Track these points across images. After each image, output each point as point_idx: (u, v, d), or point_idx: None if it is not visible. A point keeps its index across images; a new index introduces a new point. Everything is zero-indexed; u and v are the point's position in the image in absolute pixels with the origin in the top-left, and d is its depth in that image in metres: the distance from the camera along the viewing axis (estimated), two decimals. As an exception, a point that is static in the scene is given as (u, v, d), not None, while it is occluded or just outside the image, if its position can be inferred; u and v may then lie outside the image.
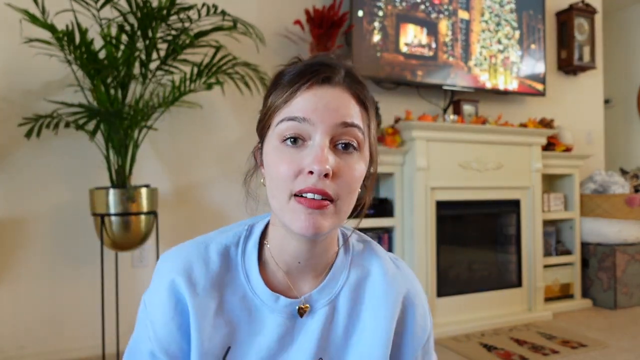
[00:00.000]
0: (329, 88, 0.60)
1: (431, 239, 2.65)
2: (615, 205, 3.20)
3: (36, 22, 1.91)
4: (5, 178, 2.19)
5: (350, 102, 0.61)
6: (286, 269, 0.66)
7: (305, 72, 0.60)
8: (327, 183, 0.57)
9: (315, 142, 0.58)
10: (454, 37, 3.02)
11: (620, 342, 2.47)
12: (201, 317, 0.62)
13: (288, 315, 0.65)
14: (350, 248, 0.72)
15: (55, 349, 2.23)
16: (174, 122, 2.47)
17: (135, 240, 2.06)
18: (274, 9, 2.74)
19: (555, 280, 3.20)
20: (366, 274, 0.70)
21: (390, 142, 2.63)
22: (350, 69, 0.63)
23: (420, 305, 0.72)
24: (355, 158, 0.61)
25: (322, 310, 0.66)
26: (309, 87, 0.59)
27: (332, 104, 0.59)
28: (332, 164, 0.57)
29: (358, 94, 0.62)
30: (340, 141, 0.59)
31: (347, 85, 0.61)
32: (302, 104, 0.59)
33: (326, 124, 0.58)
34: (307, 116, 0.58)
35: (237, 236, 0.69)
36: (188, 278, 0.63)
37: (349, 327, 0.67)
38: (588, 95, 3.78)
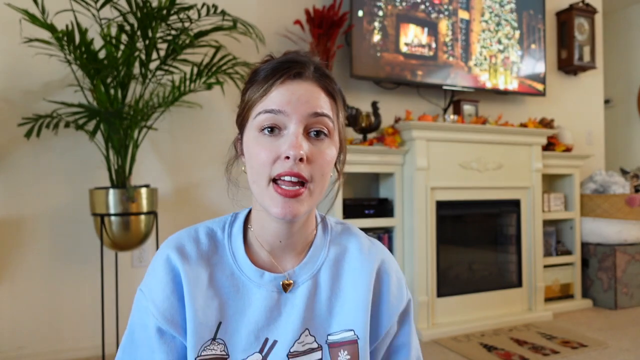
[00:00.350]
0: (300, 82, 0.67)
1: (431, 239, 2.65)
2: (615, 205, 3.19)
3: (36, 22, 1.91)
4: (5, 178, 2.19)
5: (320, 94, 0.68)
6: (269, 249, 0.73)
7: (279, 68, 0.67)
8: (302, 167, 0.64)
9: (290, 130, 0.65)
10: (454, 37, 3.02)
11: (621, 342, 2.47)
12: (194, 285, 0.68)
13: (274, 290, 0.71)
14: (329, 229, 0.79)
15: (55, 349, 2.23)
16: (174, 122, 2.47)
17: (135, 240, 2.06)
18: (274, 9, 2.74)
19: (555, 280, 3.20)
20: (344, 250, 0.77)
21: (390, 142, 2.63)
22: (318, 64, 0.70)
23: (394, 275, 0.79)
24: (327, 143, 0.68)
25: (305, 284, 0.72)
26: (282, 82, 0.66)
27: (304, 97, 0.66)
28: (305, 150, 0.64)
29: (327, 86, 0.69)
30: (313, 129, 0.66)
31: (316, 79, 0.68)
32: (277, 97, 0.65)
33: (299, 114, 0.65)
34: (282, 108, 0.65)
35: (222, 221, 0.76)
36: (181, 252, 0.70)
37: (332, 299, 0.73)
38: (588, 95, 3.78)
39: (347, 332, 0.72)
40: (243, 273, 0.71)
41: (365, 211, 2.63)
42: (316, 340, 0.71)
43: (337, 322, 0.72)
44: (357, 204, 2.63)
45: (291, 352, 0.69)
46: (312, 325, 0.71)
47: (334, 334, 0.72)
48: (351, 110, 2.68)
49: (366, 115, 2.69)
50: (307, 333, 0.70)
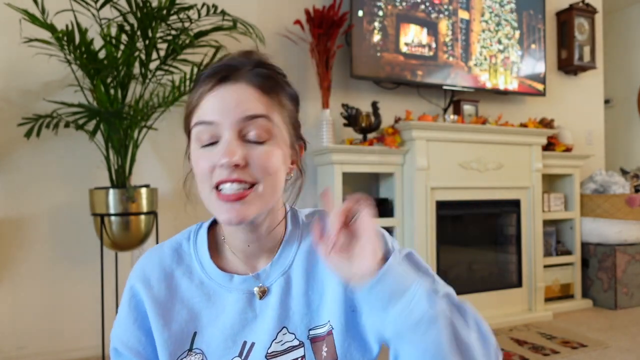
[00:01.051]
0: (229, 85, 0.64)
1: (431, 239, 2.65)
2: (615, 205, 3.19)
3: (36, 22, 1.91)
4: (5, 178, 2.19)
5: (253, 95, 0.64)
6: (242, 255, 0.71)
7: (209, 75, 0.65)
8: (240, 172, 0.62)
9: (224, 138, 0.63)
10: (454, 37, 3.01)
11: (621, 343, 2.47)
12: (157, 306, 0.67)
13: (245, 293, 0.69)
14: (300, 221, 0.76)
15: (55, 349, 2.23)
16: (174, 122, 2.47)
17: (135, 240, 2.06)
18: (274, 9, 2.74)
19: (555, 280, 3.20)
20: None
21: (390, 142, 2.63)
22: (260, 63, 0.67)
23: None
24: (268, 145, 0.64)
25: (278, 282, 0.70)
26: (211, 89, 0.64)
27: (234, 101, 0.63)
28: (240, 155, 0.62)
29: (262, 84, 0.65)
30: (250, 133, 0.63)
31: (248, 79, 0.65)
32: (207, 106, 0.64)
33: (230, 120, 0.62)
34: (213, 119, 0.63)
35: (188, 232, 0.75)
36: (142, 276, 0.70)
37: (308, 292, 0.71)
38: (588, 95, 3.78)
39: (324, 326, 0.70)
40: (212, 280, 0.70)
41: (365, 211, 2.63)
42: (297, 337, 0.69)
43: (319, 315, 0.70)
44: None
45: (269, 353, 0.67)
46: (290, 323, 0.69)
47: (316, 327, 0.70)
48: (351, 110, 2.68)
49: (366, 115, 2.69)
50: (286, 331, 0.69)
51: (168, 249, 0.73)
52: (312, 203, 2.76)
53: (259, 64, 0.67)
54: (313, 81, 2.74)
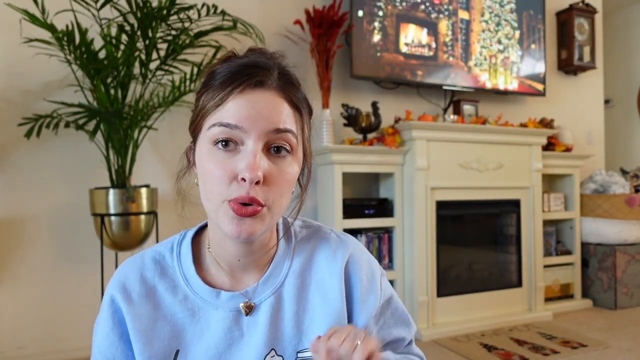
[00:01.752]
0: (261, 92, 0.60)
1: (431, 239, 2.65)
2: (615, 205, 3.19)
3: (36, 22, 1.91)
4: (5, 178, 2.19)
5: (283, 107, 0.61)
6: (228, 268, 0.67)
7: (238, 74, 0.60)
8: (257, 190, 0.58)
9: (248, 147, 0.58)
10: (454, 37, 3.02)
11: (621, 342, 2.47)
12: (139, 322, 0.64)
13: (232, 310, 0.65)
14: (293, 236, 0.72)
15: (55, 349, 2.23)
16: (174, 122, 2.47)
17: (135, 240, 2.06)
18: (274, 9, 2.74)
19: (555, 280, 3.20)
20: (309, 257, 0.71)
21: (390, 142, 2.63)
22: (284, 69, 0.64)
23: (365, 268, 0.71)
24: (288, 161, 0.61)
25: (267, 301, 0.66)
26: (241, 91, 0.59)
27: (265, 111, 0.59)
28: (264, 169, 0.58)
29: (291, 97, 0.62)
30: (274, 144, 0.60)
31: (279, 88, 0.61)
32: (234, 109, 0.58)
33: (259, 131, 0.58)
34: (239, 123, 0.58)
35: (170, 242, 0.71)
36: (123, 289, 0.65)
37: (299, 314, 0.67)
38: (588, 95, 3.78)
39: None
40: (197, 295, 0.66)
41: (365, 211, 2.63)
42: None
43: (308, 338, 0.66)
44: (357, 204, 2.63)
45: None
46: (278, 345, 0.65)
47: (305, 351, 0.66)
48: (351, 110, 2.68)
49: (366, 115, 2.69)
50: (274, 354, 0.65)
51: (150, 261, 0.68)
52: (312, 204, 2.76)
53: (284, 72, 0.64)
54: (313, 81, 2.74)
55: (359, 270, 0.71)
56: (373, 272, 0.73)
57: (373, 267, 0.73)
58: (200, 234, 0.72)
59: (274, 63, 0.63)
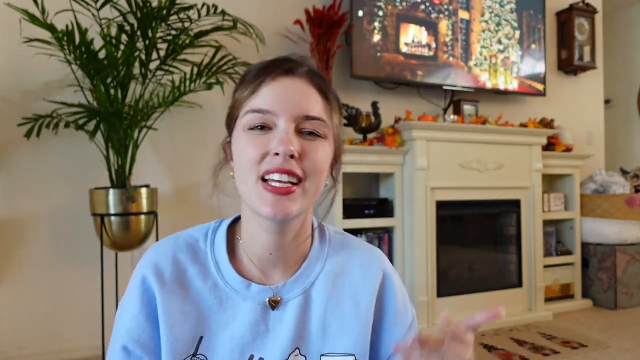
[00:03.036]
0: (292, 78, 0.63)
1: (431, 239, 2.65)
2: (615, 205, 3.19)
3: (36, 22, 1.91)
4: (5, 178, 2.19)
5: (313, 94, 0.63)
6: (258, 261, 0.67)
7: (269, 65, 0.64)
8: (293, 163, 0.59)
9: (280, 127, 0.60)
10: (454, 37, 3.01)
11: (621, 342, 2.47)
12: (168, 304, 0.63)
13: (260, 304, 0.65)
14: (327, 239, 0.72)
15: (55, 349, 2.23)
16: (174, 122, 2.47)
17: (135, 240, 2.06)
18: (274, 9, 2.74)
19: (555, 280, 3.20)
20: (343, 263, 0.71)
21: (390, 142, 2.63)
22: (312, 65, 0.66)
23: (398, 290, 0.72)
24: (320, 142, 0.63)
25: (296, 300, 0.66)
26: (273, 77, 0.62)
27: (296, 96, 0.61)
28: (296, 146, 0.59)
29: (320, 85, 0.65)
30: (305, 128, 0.62)
31: (309, 77, 0.64)
32: (266, 94, 0.61)
33: (289, 114, 0.60)
34: (270, 108, 0.60)
35: (205, 228, 0.71)
36: (156, 269, 0.65)
37: (326, 317, 0.67)
38: (588, 95, 3.78)
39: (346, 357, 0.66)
40: (227, 284, 0.65)
41: (365, 211, 2.63)
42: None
43: (332, 342, 0.66)
44: (357, 204, 2.63)
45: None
46: (303, 345, 0.65)
47: (328, 355, 0.66)
48: (351, 110, 2.68)
49: (366, 115, 2.69)
50: (297, 353, 0.64)
51: (183, 243, 0.68)
52: (312, 203, 2.76)
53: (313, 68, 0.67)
54: (313, 81, 2.74)
55: (394, 285, 0.72)
56: (404, 293, 0.74)
57: (403, 288, 0.75)
58: (235, 225, 0.72)
59: (302, 60, 0.66)
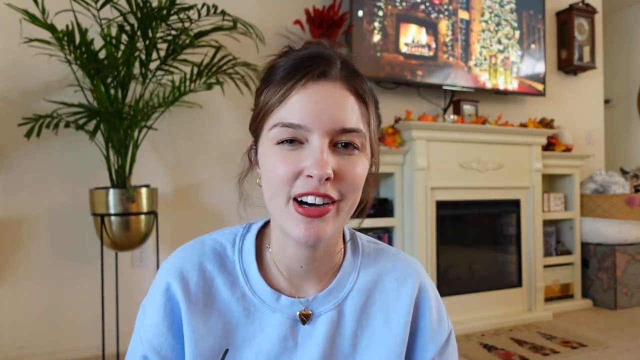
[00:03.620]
0: (325, 84, 0.56)
1: (431, 239, 2.65)
2: (615, 205, 3.20)
3: (36, 22, 1.91)
4: (5, 178, 2.19)
5: (349, 101, 0.57)
6: (288, 273, 0.63)
7: (300, 67, 0.57)
8: (328, 186, 0.54)
9: (314, 144, 0.55)
10: (454, 37, 3.02)
11: (621, 342, 2.47)
12: (193, 315, 0.60)
13: (290, 318, 0.62)
14: (360, 250, 0.68)
15: (55, 349, 2.23)
16: (174, 122, 2.47)
17: (135, 240, 2.06)
18: (274, 9, 2.74)
19: (555, 280, 3.20)
20: (377, 276, 0.66)
21: (390, 142, 2.63)
22: (346, 58, 0.60)
23: (434, 304, 0.68)
24: (357, 156, 0.58)
25: (328, 314, 0.62)
26: (304, 84, 0.55)
27: (330, 108, 0.55)
28: (333, 166, 0.54)
29: (357, 88, 0.59)
30: (341, 141, 0.56)
31: (344, 79, 0.58)
32: (297, 106, 0.55)
33: (323, 129, 0.55)
34: (302, 122, 0.54)
35: (233, 234, 0.66)
36: (181, 278, 0.61)
37: (357, 333, 0.63)
38: (588, 95, 3.78)
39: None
40: (256, 295, 0.62)
41: (365, 211, 2.63)
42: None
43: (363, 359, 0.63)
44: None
45: None
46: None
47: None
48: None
49: (366, 115, 2.69)
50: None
51: (210, 250, 0.64)
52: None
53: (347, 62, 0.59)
54: (313, 81, 2.74)
55: (430, 300, 0.67)
56: (439, 301, 0.70)
57: (439, 300, 0.70)
58: (264, 230, 0.67)
59: (335, 53, 0.59)
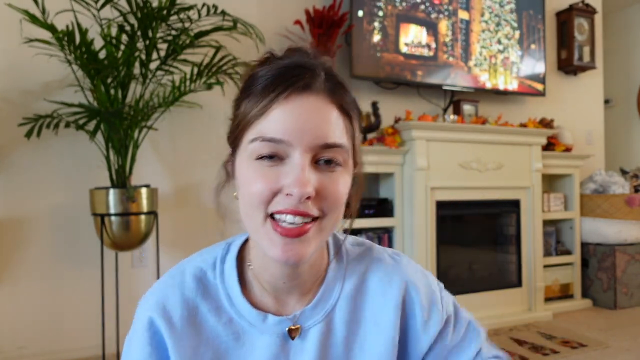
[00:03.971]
0: (308, 97, 0.53)
1: (431, 239, 2.65)
2: (615, 205, 3.20)
3: (36, 22, 1.91)
4: (5, 178, 2.19)
5: (332, 115, 0.54)
6: (272, 290, 0.62)
7: (282, 77, 0.54)
8: (309, 204, 0.52)
9: (295, 160, 0.52)
10: (454, 37, 3.02)
11: (620, 342, 2.47)
12: (181, 349, 0.59)
13: (279, 336, 0.60)
14: (344, 255, 0.66)
15: (55, 349, 2.23)
16: (174, 122, 2.47)
17: (135, 240, 2.06)
18: (274, 9, 2.74)
19: (555, 280, 3.20)
20: (363, 280, 0.65)
21: (390, 142, 2.63)
22: (329, 69, 0.57)
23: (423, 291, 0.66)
24: (339, 172, 0.55)
25: (317, 327, 0.61)
26: (287, 97, 0.53)
27: (312, 122, 0.52)
28: (314, 184, 0.52)
29: (341, 101, 0.56)
30: (323, 157, 0.54)
31: (328, 91, 0.55)
32: (278, 119, 0.52)
33: (306, 145, 0.52)
34: (284, 137, 0.52)
35: (213, 258, 0.64)
36: (163, 312, 0.60)
37: (349, 339, 0.63)
38: (588, 95, 3.78)
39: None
40: (243, 317, 0.60)
41: (365, 211, 2.63)
42: None
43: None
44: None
45: None
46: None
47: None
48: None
49: (366, 115, 2.69)
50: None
51: (190, 279, 0.62)
52: (312, 203, 2.76)
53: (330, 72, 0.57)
54: (313, 81, 2.74)
55: (418, 295, 0.65)
56: (432, 292, 0.67)
57: (431, 286, 0.68)
58: (244, 247, 0.65)
59: (319, 63, 0.57)
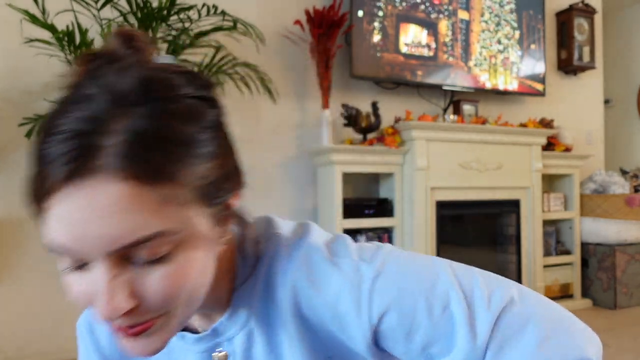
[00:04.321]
0: (82, 187, 0.37)
1: (431, 239, 2.66)
2: (615, 205, 3.20)
3: (36, 22, 1.92)
4: (5, 178, 2.19)
5: (123, 202, 0.37)
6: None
7: (46, 166, 0.38)
8: (137, 312, 0.41)
9: (95, 274, 0.40)
10: (454, 37, 3.02)
11: (620, 342, 2.47)
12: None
13: (201, 353, 0.56)
14: (247, 250, 0.54)
15: (55, 349, 2.23)
16: (174, 122, 2.47)
17: (135, 240, 2.06)
18: (274, 9, 2.74)
19: (555, 280, 3.20)
20: (274, 275, 0.52)
21: (390, 142, 2.63)
22: (132, 94, 0.39)
23: (312, 290, 0.50)
24: (173, 261, 0.41)
25: (238, 337, 0.54)
26: (61, 199, 0.37)
27: (95, 224, 0.37)
28: (127, 297, 0.40)
29: (146, 167, 0.38)
30: (137, 256, 0.40)
31: (123, 160, 0.37)
32: (56, 228, 0.38)
33: (98, 253, 0.39)
34: (71, 246, 0.39)
35: None
36: (91, 332, 0.61)
37: (271, 346, 0.54)
38: (588, 95, 3.78)
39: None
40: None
41: (365, 211, 2.64)
42: None
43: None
44: (357, 204, 2.64)
45: None
46: None
47: None
48: (351, 110, 2.68)
49: (366, 115, 2.69)
50: None
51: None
52: (312, 203, 2.76)
53: (128, 114, 0.38)
54: (313, 81, 2.75)
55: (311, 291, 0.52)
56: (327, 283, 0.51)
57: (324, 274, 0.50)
58: None
59: (107, 99, 0.38)
